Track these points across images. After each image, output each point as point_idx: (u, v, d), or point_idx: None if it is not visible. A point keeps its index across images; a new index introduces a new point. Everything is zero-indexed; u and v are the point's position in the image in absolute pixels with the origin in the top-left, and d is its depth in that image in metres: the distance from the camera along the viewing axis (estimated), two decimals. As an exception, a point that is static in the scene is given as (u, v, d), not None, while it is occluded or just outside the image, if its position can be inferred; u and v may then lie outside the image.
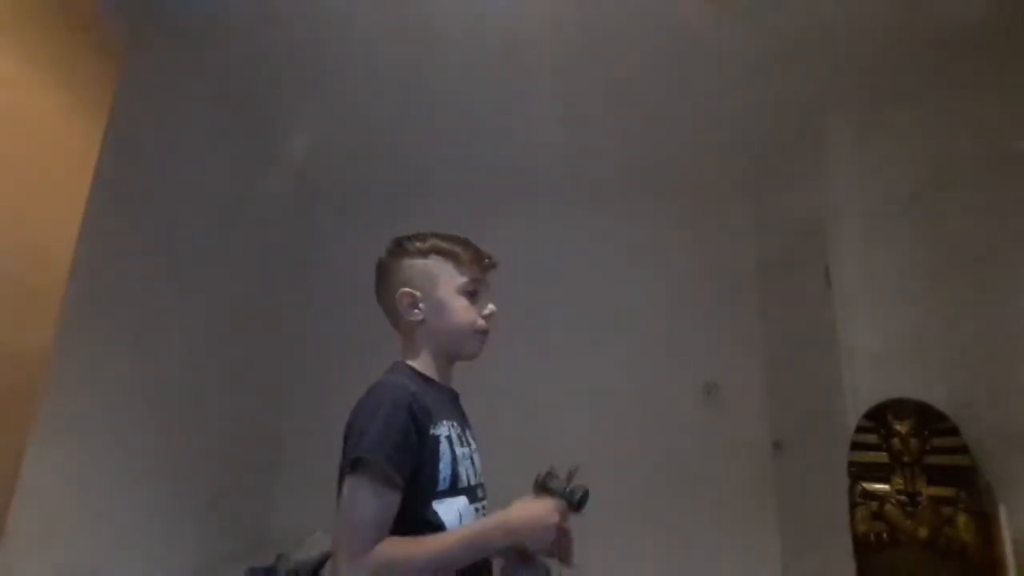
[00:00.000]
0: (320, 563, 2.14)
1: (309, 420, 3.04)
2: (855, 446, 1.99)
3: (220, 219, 2.48)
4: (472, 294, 1.06)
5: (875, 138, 2.30)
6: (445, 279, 1.05)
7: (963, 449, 1.85)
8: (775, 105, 2.44)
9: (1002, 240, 1.90)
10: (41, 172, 1.56)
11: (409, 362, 1.05)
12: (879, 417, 1.97)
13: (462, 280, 1.06)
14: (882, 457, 1.93)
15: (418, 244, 1.08)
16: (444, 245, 1.07)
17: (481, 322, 1.06)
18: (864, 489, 1.93)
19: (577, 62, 2.21)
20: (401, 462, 0.87)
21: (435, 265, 1.06)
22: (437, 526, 0.90)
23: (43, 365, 1.60)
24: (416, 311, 1.04)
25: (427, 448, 0.92)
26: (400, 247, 1.09)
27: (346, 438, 0.91)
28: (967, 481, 1.83)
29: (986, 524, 1.79)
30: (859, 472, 1.95)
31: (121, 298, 1.95)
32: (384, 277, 1.09)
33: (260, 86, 2.47)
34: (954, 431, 1.88)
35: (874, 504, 1.90)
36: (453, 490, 0.94)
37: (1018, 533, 1.72)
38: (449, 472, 0.94)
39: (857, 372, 2.13)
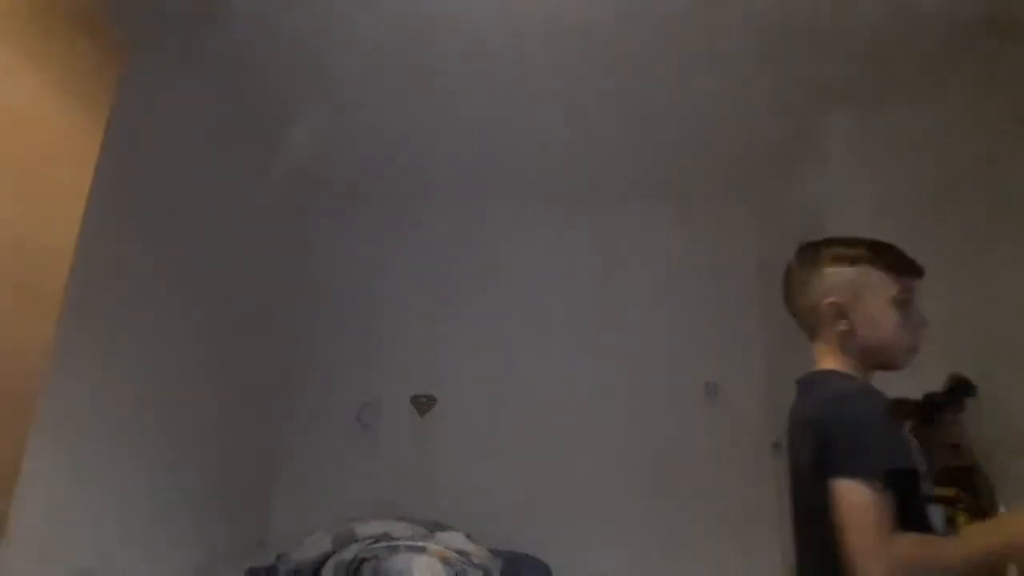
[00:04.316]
0: (320, 563, 2.13)
1: (309, 420, 3.04)
2: (855, 446, 1.98)
3: (220, 219, 2.49)
4: (904, 304, 1.02)
5: (875, 136, 2.29)
6: (877, 290, 1.02)
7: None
8: (775, 104, 2.44)
9: (1002, 239, 1.89)
10: (41, 172, 1.56)
11: (841, 370, 1.02)
12: (879, 417, 1.97)
13: (894, 291, 1.01)
14: (882, 457, 1.93)
15: (842, 250, 1.04)
16: (871, 252, 1.04)
17: (915, 342, 1.02)
18: (864, 489, 1.92)
19: (577, 62, 2.21)
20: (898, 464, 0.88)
21: (864, 274, 1.02)
22: (930, 528, 0.90)
23: (43, 365, 1.60)
24: (843, 323, 1.01)
25: (912, 452, 0.94)
26: (818, 252, 1.05)
27: (834, 440, 0.91)
28: (967, 481, 1.83)
29: (986, 524, 1.78)
30: (859, 472, 1.95)
31: (121, 298, 1.95)
32: (798, 286, 1.06)
33: (260, 86, 2.47)
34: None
35: (874, 504, 1.89)
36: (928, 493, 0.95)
37: (1018, 533, 1.72)
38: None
39: (857, 372, 2.12)
